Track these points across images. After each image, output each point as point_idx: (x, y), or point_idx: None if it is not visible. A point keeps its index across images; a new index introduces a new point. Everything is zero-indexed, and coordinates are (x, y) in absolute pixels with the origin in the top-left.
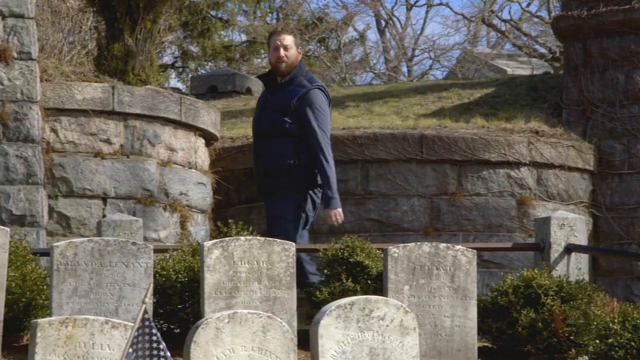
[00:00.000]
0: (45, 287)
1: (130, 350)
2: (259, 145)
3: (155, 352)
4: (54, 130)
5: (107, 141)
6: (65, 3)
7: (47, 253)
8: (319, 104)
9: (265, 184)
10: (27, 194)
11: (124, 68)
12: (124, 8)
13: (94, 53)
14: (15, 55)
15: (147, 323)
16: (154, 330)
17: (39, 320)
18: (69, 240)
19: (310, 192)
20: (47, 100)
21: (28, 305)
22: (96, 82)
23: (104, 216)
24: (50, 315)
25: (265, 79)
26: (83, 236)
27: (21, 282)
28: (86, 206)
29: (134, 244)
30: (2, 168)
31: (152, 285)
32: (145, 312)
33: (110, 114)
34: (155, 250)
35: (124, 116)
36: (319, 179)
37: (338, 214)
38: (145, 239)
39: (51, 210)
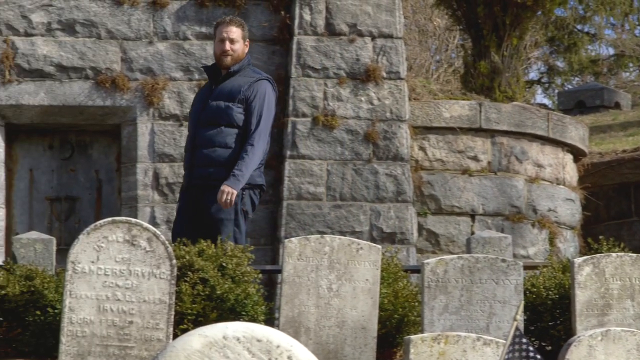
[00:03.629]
0: (416, 303)
1: None
2: (200, 135)
3: None
4: (422, 149)
5: (475, 158)
6: (432, 22)
7: (417, 270)
8: (267, 95)
9: (201, 175)
10: (397, 211)
11: (490, 85)
12: (490, 25)
13: (460, 71)
14: (384, 75)
15: (518, 340)
16: (527, 346)
17: (412, 337)
18: (439, 258)
19: (250, 190)
20: (415, 118)
21: (400, 321)
22: (463, 99)
23: (472, 233)
24: (422, 331)
25: (210, 70)
26: (452, 253)
27: (393, 299)
28: (454, 223)
29: (503, 260)
30: (373, 186)
31: (522, 302)
32: (517, 329)
33: (478, 131)
34: (525, 267)
35: (491, 133)
36: (259, 179)
37: (231, 193)
38: (515, 255)
39: (420, 227)
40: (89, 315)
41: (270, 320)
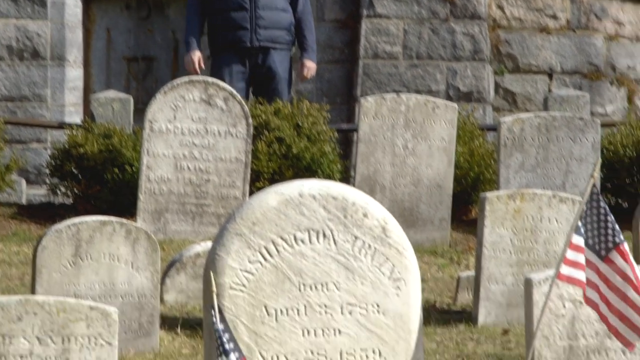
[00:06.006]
0: (492, 162)
1: (579, 223)
2: None
3: (602, 224)
4: (500, 7)
5: (553, 16)
6: None
7: (493, 128)
8: None
9: (269, 37)
10: (473, 70)
11: None
12: None
13: None
14: None
15: (595, 197)
16: (602, 204)
17: (487, 194)
18: (515, 116)
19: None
20: None
21: (476, 179)
22: None
23: (550, 91)
24: (497, 189)
25: None
26: (528, 111)
27: (469, 157)
28: (532, 82)
29: (580, 119)
30: (449, 45)
31: (599, 160)
32: (594, 186)
33: None
34: (603, 125)
35: None
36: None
37: (314, 67)
38: (592, 113)
39: (497, 86)
40: (166, 173)
41: (346, 178)
